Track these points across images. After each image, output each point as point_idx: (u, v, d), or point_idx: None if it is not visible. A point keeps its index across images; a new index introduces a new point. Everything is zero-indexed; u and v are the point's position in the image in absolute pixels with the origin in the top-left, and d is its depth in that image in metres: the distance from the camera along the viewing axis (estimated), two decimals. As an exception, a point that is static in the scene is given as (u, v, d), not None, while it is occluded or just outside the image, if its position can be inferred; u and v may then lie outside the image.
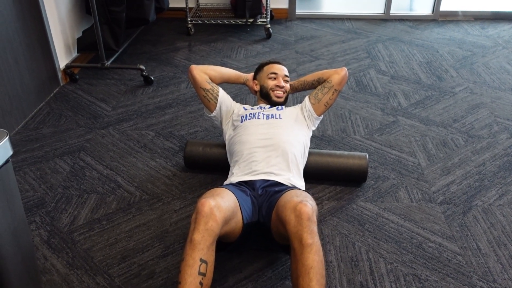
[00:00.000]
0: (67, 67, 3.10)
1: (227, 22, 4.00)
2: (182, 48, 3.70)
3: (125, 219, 1.94)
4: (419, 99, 2.90)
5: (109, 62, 3.16)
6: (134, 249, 1.79)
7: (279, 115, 1.97)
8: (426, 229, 1.88)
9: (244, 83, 2.20)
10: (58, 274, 1.69)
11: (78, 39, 3.25)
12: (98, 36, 3.00)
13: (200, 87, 2.05)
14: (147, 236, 1.86)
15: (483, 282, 1.65)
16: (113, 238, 1.85)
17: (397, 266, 1.72)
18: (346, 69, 2.05)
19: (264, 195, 1.68)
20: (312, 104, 2.04)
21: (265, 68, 2.15)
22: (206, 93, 2.05)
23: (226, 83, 2.25)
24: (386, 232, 1.87)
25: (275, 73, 2.10)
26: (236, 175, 1.79)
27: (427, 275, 1.68)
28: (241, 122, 1.96)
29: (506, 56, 3.52)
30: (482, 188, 2.12)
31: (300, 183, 1.83)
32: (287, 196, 1.53)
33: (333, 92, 2.03)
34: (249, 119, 1.95)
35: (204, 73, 2.07)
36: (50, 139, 2.50)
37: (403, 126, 2.60)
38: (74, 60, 3.26)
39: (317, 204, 2.01)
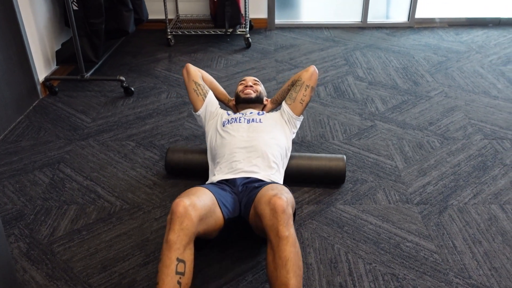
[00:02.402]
0: (46, 79, 3.10)
1: (207, 33, 4.03)
2: (163, 59, 3.72)
3: (106, 229, 1.94)
4: (396, 103, 2.96)
5: (88, 74, 3.17)
6: (114, 258, 1.79)
7: (260, 119, 2.05)
8: (404, 229, 1.92)
9: (227, 104, 2.34)
10: (37, 286, 1.67)
11: (57, 52, 3.25)
12: (77, 48, 3.01)
13: (193, 80, 2.18)
14: (128, 245, 1.86)
15: (459, 279, 1.69)
16: (93, 248, 1.84)
17: (375, 266, 1.74)
18: (314, 66, 2.16)
19: (244, 191, 1.73)
20: (289, 104, 2.13)
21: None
22: (196, 87, 2.17)
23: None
24: (364, 234, 1.90)
25: (244, 80, 2.28)
26: (218, 175, 1.85)
27: (404, 274, 1.71)
28: (224, 126, 2.03)
29: (479, 61, 3.62)
30: (457, 188, 2.17)
31: (280, 181, 1.90)
32: (264, 190, 1.58)
33: (305, 88, 2.12)
34: (230, 123, 2.03)
35: (198, 71, 2.24)
36: (29, 151, 2.49)
37: (381, 130, 2.65)
38: (53, 73, 3.26)
39: (297, 208, 2.04)
